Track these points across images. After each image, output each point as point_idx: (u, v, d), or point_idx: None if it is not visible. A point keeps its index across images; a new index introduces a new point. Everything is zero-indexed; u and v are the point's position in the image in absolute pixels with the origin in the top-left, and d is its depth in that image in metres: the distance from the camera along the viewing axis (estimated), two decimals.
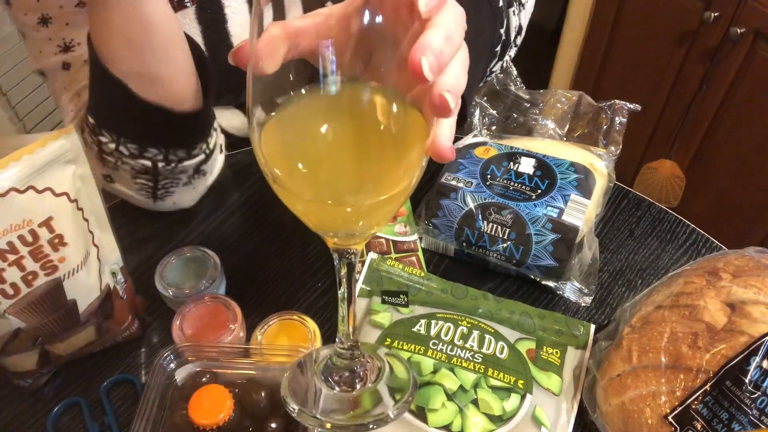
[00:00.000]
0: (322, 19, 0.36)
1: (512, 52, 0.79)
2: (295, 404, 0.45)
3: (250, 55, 0.34)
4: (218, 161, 0.71)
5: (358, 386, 0.47)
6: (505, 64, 0.78)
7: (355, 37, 0.34)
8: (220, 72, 0.73)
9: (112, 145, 0.60)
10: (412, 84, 0.35)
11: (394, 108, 0.35)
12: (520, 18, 0.79)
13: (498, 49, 0.74)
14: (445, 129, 0.37)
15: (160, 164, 0.62)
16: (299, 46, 0.36)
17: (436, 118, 0.36)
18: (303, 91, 0.36)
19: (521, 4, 0.79)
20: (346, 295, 0.43)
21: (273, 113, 0.35)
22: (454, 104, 0.34)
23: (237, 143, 0.83)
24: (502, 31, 0.74)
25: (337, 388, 0.46)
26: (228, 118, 0.81)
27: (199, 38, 0.70)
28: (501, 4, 0.73)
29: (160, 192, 0.66)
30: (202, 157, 0.65)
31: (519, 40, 0.79)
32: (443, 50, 0.33)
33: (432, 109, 0.34)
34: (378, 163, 0.36)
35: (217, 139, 0.68)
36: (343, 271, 0.42)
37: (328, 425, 0.44)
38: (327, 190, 0.36)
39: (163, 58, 0.56)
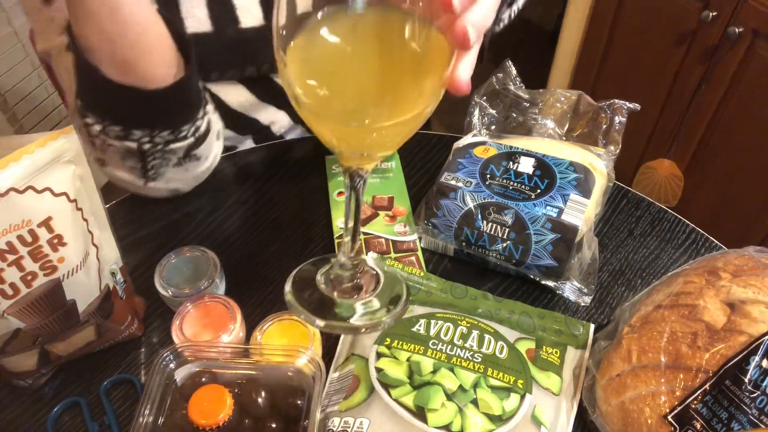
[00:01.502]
0: None
1: (521, 3, 0.79)
2: (294, 298, 0.49)
3: None
4: (213, 147, 0.71)
5: (355, 294, 0.50)
6: (512, 15, 0.78)
7: None
8: (224, 46, 0.73)
9: (98, 127, 0.60)
10: (440, 10, 0.35)
11: (419, 33, 0.36)
12: None
13: None
14: (465, 62, 0.37)
15: (146, 146, 0.62)
16: None
17: (457, 49, 0.36)
18: (329, 11, 0.36)
19: None
20: (354, 210, 0.46)
21: (299, 34, 0.36)
22: (476, 38, 0.35)
23: (245, 126, 0.82)
24: None
25: (336, 293, 0.50)
26: (233, 95, 0.80)
27: (204, 10, 0.70)
28: None
29: (151, 173, 0.66)
30: (191, 140, 0.65)
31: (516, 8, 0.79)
32: (486, 15, 0.35)
33: (454, 40, 0.35)
34: (397, 85, 0.36)
35: (209, 124, 0.68)
36: (357, 183, 0.44)
37: (322, 323, 0.47)
38: (347, 106, 0.37)
39: (136, 47, 0.56)
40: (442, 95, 0.38)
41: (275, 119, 0.85)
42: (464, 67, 0.37)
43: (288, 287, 0.51)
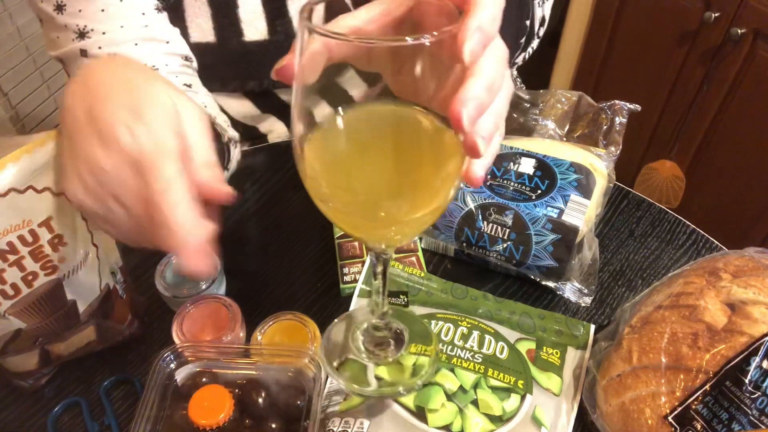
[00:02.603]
0: (360, 25, 0.36)
1: (535, 43, 0.79)
2: (329, 366, 0.51)
3: (296, 71, 0.35)
4: (234, 156, 0.71)
5: (387, 354, 0.52)
6: (527, 56, 0.77)
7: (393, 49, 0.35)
8: (227, 58, 0.73)
9: None
10: (445, 106, 0.35)
11: (434, 132, 0.37)
12: (544, 9, 0.78)
13: (522, 40, 0.74)
14: (479, 163, 0.38)
15: None
16: (336, 55, 0.36)
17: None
18: (343, 110, 0.37)
19: None
20: (381, 288, 0.48)
21: (315, 129, 0.37)
22: (485, 149, 0.35)
23: (243, 132, 0.83)
24: (528, 22, 0.74)
25: (365, 355, 0.51)
26: (235, 107, 0.81)
27: (208, 21, 0.70)
28: None
29: None
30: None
31: (542, 32, 0.78)
32: (483, 101, 0.34)
33: (465, 150, 0.36)
34: (416, 182, 0.37)
35: (229, 135, 0.68)
36: (380, 268, 0.46)
37: (358, 390, 0.49)
38: (367, 204, 0.37)
39: None
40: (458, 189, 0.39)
41: (274, 128, 0.85)
42: (479, 166, 0.38)
43: (321, 348, 0.53)
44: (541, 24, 0.78)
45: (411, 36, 0.31)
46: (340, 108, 0.37)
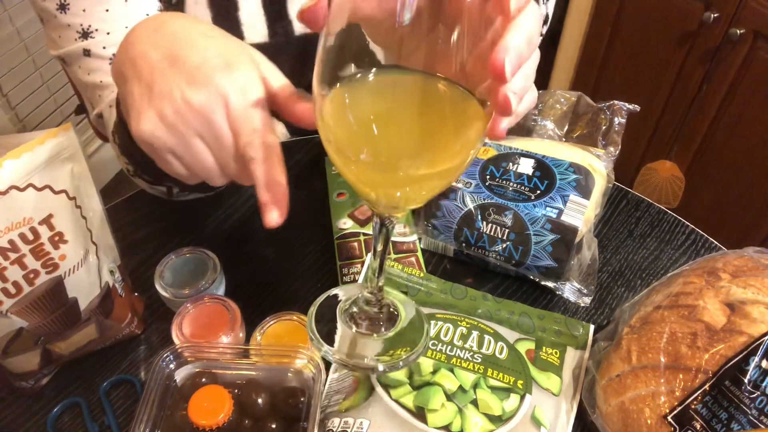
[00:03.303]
0: None
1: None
2: (315, 332, 0.50)
3: (325, 16, 0.36)
4: None
5: (376, 332, 0.50)
6: (540, 30, 0.78)
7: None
8: None
9: (132, 168, 0.60)
10: (475, 72, 0.36)
11: (453, 95, 0.37)
12: (548, 6, 0.78)
13: None
14: (505, 120, 0.39)
15: (176, 190, 0.63)
16: (361, 11, 0.36)
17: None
18: (365, 69, 0.37)
19: None
20: (381, 251, 0.47)
21: (336, 86, 0.37)
22: (517, 105, 0.36)
23: None
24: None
25: (355, 329, 0.50)
26: None
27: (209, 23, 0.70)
28: None
29: (177, 196, 0.67)
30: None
31: (544, 30, 0.78)
32: (523, 53, 0.34)
33: (495, 106, 0.35)
34: (435, 138, 0.37)
35: None
36: (382, 237, 0.46)
37: (337, 358, 0.48)
38: (384, 156, 0.37)
39: None
40: (477, 151, 0.39)
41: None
42: (504, 122, 0.38)
43: (311, 317, 0.51)
44: (545, 22, 0.78)
45: None
46: (362, 68, 0.37)
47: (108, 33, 0.63)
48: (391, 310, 0.52)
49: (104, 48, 0.63)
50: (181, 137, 0.41)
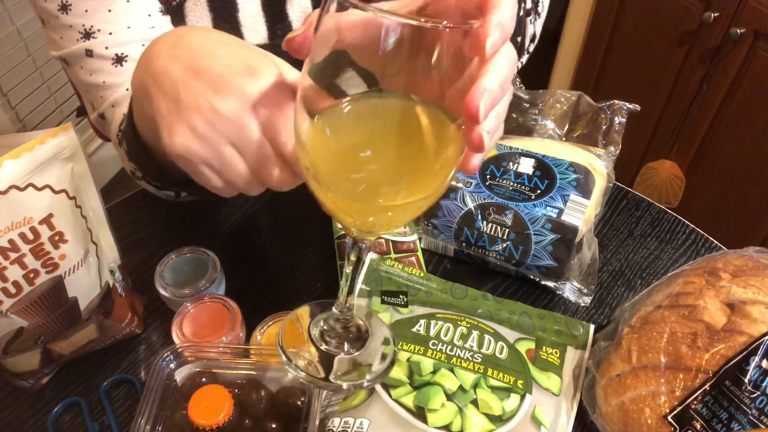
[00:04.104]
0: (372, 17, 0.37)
1: (524, 59, 0.80)
2: (285, 354, 0.48)
3: (310, 45, 0.36)
4: None
5: (344, 349, 0.50)
6: (518, 67, 0.78)
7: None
8: None
9: (139, 174, 0.60)
10: (452, 103, 0.36)
11: (432, 119, 0.37)
12: (536, 26, 0.79)
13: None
14: (478, 156, 0.39)
15: (183, 193, 0.63)
16: (345, 39, 0.36)
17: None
18: (346, 99, 0.37)
19: (537, 13, 0.79)
20: (350, 276, 0.47)
21: (317, 113, 0.37)
22: (489, 143, 0.36)
23: None
24: (519, 39, 0.74)
25: (324, 346, 0.49)
26: None
27: (209, 26, 0.70)
28: (521, 13, 0.73)
29: (181, 198, 0.67)
30: None
31: (531, 48, 0.79)
32: (496, 95, 0.35)
33: (469, 144, 0.36)
34: (412, 167, 0.38)
35: None
36: (353, 257, 0.46)
37: (303, 376, 0.47)
38: (362, 186, 0.38)
39: None
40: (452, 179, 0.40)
41: None
42: (477, 157, 0.39)
43: (280, 333, 0.50)
44: (532, 40, 0.79)
45: (431, 21, 0.32)
46: (344, 95, 0.37)
47: (110, 33, 0.63)
48: (360, 329, 0.52)
49: (106, 48, 0.63)
50: (215, 147, 0.41)
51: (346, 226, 0.42)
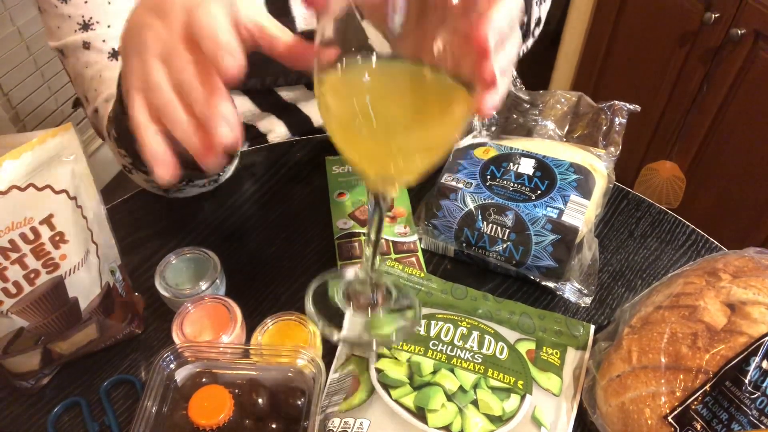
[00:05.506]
0: None
1: (529, 42, 0.80)
2: (314, 309, 0.54)
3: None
4: (232, 165, 0.72)
5: (370, 310, 0.55)
6: (522, 53, 0.78)
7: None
8: None
9: (128, 160, 0.60)
10: (461, 54, 0.37)
11: (441, 81, 0.40)
12: (541, 10, 0.79)
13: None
14: (493, 95, 0.40)
15: (172, 190, 0.64)
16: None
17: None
18: (362, 55, 0.40)
19: None
20: (376, 230, 0.50)
21: (336, 67, 0.40)
22: (501, 81, 0.37)
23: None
24: (526, 19, 0.74)
25: (351, 308, 0.54)
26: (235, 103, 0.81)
27: None
28: None
29: (173, 193, 0.67)
30: (214, 176, 0.66)
31: (537, 32, 0.79)
32: (504, 32, 0.36)
33: (481, 82, 0.37)
34: (425, 115, 0.41)
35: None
36: (376, 217, 0.48)
37: (336, 338, 0.53)
38: (380, 127, 0.40)
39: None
40: (464, 129, 0.42)
41: (273, 128, 0.85)
42: (491, 99, 0.40)
43: (309, 297, 0.55)
44: (537, 24, 0.79)
45: None
46: (358, 53, 0.40)
47: (109, 26, 0.63)
48: (384, 290, 0.55)
49: (104, 41, 0.63)
50: (141, 58, 0.40)
51: (367, 178, 0.45)
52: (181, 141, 0.40)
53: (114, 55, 0.64)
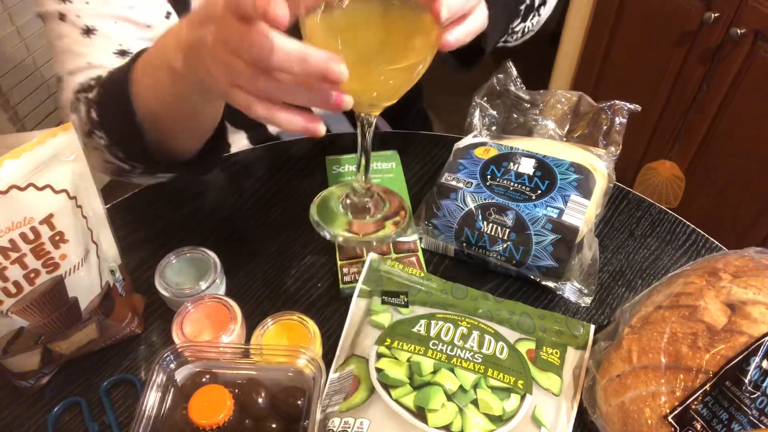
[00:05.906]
0: None
1: (534, 20, 0.79)
2: (318, 218, 0.62)
3: None
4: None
5: (367, 216, 0.63)
6: (527, 29, 0.77)
7: None
8: None
9: (102, 142, 0.61)
10: None
11: (412, 12, 0.47)
12: None
13: (522, 7, 0.74)
14: (458, 29, 0.47)
15: (138, 170, 0.63)
16: None
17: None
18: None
19: None
20: (365, 147, 0.57)
21: (318, 10, 0.46)
22: (447, 16, 0.43)
23: (234, 117, 0.83)
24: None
25: (350, 214, 0.62)
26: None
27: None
28: None
29: (139, 176, 0.68)
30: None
31: (542, 11, 0.78)
32: None
33: (433, 12, 0.42)
34: (396, 40, 0.48)
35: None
36: (361, 129, 0.55)
37: (341, 238, 0.61)
38: (357, 55, 0.46)
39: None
40: (432, 56, 0.48)
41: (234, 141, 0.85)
42: (455, 33, 0.46)
43: (313, 208, 0.63)
44: (542, 3, 0.78)
45: None
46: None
47: (86, 3, 0.63)
48: (378, 198, 0.64)
49: (78, 17, 0.64)
50: (215, 61, 0.44)
51: (356, 99, 0.48)
52: (301, 103, 0.45)
53: (87, 32, 0.65)
